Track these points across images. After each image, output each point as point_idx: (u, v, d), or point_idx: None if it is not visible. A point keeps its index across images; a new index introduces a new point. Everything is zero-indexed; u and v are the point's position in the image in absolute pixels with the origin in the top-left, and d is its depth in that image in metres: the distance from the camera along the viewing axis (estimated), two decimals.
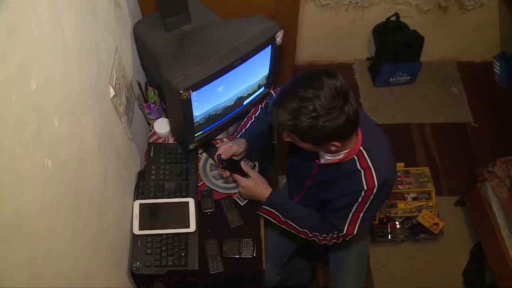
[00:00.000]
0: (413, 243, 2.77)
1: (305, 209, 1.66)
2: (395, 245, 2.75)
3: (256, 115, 1.78)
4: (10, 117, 0.81)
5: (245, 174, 1.65)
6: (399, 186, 2.75)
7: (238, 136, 1.74)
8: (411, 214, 2.71)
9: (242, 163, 1.66)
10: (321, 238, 1.63)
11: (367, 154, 1.45)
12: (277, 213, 1.65)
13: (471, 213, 2.77)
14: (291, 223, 1.65)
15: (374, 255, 2.72)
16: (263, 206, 1.66)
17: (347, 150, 1.44)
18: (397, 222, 2.73)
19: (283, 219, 1.65)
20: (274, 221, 1.68)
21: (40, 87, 0.92)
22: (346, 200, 1.51)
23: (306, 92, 1.24)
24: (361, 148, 1.44)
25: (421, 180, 2.80)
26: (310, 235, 1.64)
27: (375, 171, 1.43)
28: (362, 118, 1.39)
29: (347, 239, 1.59)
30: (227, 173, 1.66)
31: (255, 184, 1.64)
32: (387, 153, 1.51)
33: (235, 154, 1.67)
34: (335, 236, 1.59)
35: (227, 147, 1.63)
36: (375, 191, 1.45)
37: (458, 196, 2.88)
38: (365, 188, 1.44)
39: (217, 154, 1.61)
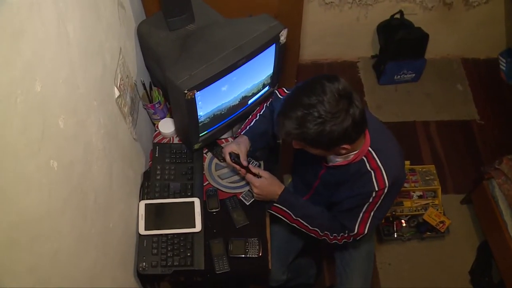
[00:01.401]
0: (419, 241, 2.76)
1: (316, 208, 1.64)
2: (401, 244, 2.74)
3: (261, 113, 1.78)
4: (15, 119, 0.82)
5: (255, 175, 1.62)
6: (405, 185, 2.74)
7: (242, 133, 1.73)
8: (417, 212, 2.70)
9: (250, 166, 1.63)
10: (331, 237, 1.62)
11: (376, 154, 1.44)
12: (288, 212, 1.63)
13: (477, 211, 2.76)
14: (302, 221, 1.63)
15: (380, 253, 2.71)
16: (275, 204, 1.64)
17: (356, 152, 1.43)
18: (403, 221, 2.72)
19: (295, 218, 1.64)
20: (285, 219, 1.67)
21: (45, 89, 0.92)
22: (356, 201, 1.50)
23: (310, 99, 1.24)
24: (370, 148, 1.44)
25: (427, 178, 2.79)
26: (321, 234, 1.63)
27: (385, 171, 1.43)
28: (369, 119, 1.38)
29: (357, 238, 1.59)
30: (243, 170, 1.63)
31: (269, 182, 1.60)
32: (396, 153, 1.50)
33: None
34: (345, 235, 1.59)
35: (235, 148, 1.62)
36: (386, 191, 1.44)
37: (464, 194, 2.87)
38: (376, 189, 1.44)
39: (229, 153, 1.60)
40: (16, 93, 0.81)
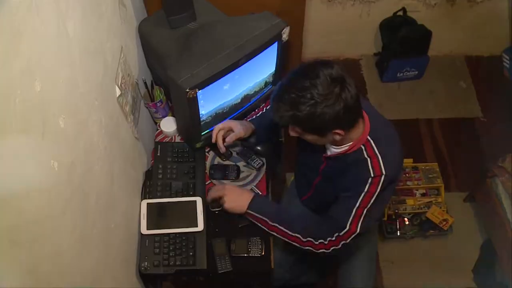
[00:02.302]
0: (422, 239, 2.75)
1: (295, 212, 1.61)
2: (404, 242, 2.73)
3: (268, 108, 1.78)
4: (15, 119, 0.81)
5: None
6: (408, 182, 2.73)
7: (249, 120, 1.73)
8: (420, 210, 2.69)
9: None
10: (317, 243, 1.51)
11: (375, 143, 1.42)
12: (263, 218, 1.58)
13: (480, 209, 2.75)
14: (280, 227, 1.55)
15: (383, 251, 2.70)
16: (248, 211, 1.59)
17: (354, 140, 1.42)
18: (406, 219, 2.71)
19: (271, 224, 1.57)
20: (262, 227, 1.60)
21: (45, 89, 0.91)
22: (352, 190, 1.45)
23: (303, 82, 1.25)
24: (369, 137, 1.43)
25: (430, 176, 2.77)
26: (304, 240, 1.53)
27: (382, 159, 1.41)
28: (373, 112, 1.39)
29: (348, 240, 1.48)
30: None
31: (237, 189, 1.63)
32: (396, 147, 1.48)
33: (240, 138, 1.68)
34: (334, 239, 1.49)
35: (239, 127, 1.63)
36: (382, 180, 1.41)
37: (467, 192, 2.85)
38: (372, 175, 1.41)
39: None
40: (16, 93, 0.81)
